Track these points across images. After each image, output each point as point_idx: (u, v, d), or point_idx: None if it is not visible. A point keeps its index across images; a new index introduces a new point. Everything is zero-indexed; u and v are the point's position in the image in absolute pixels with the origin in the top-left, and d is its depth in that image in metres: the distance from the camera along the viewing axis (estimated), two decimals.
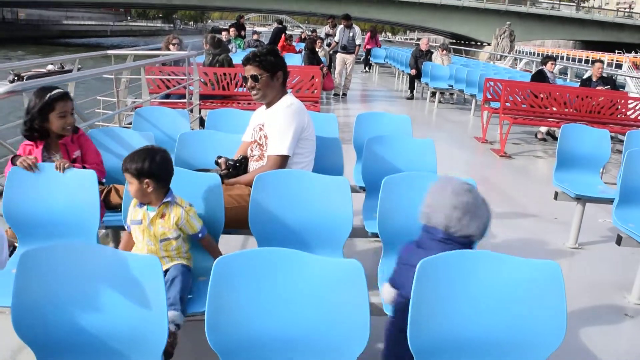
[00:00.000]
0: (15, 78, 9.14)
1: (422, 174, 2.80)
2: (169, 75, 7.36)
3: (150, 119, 4.35)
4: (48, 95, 2.87)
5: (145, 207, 2.41)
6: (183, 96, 6.80)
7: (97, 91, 7.91)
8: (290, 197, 2.67)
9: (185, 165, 3.43)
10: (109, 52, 7.01)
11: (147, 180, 2.33)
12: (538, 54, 36.42)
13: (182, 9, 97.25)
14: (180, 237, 2.44)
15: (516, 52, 35.07)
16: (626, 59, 33.87)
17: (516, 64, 20.98)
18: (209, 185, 2.66)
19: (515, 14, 53.56)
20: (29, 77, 26.77)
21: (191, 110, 6.48)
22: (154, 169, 2.34)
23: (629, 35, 56.64)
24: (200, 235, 2.48)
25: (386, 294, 2.12)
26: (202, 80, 7.46)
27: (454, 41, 52.29)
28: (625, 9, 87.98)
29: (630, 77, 18.55)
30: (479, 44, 51.03)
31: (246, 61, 3.23)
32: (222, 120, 4.22)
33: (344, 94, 12.33)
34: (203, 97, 7.39)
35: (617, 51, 43.53)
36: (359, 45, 12.28)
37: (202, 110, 7.19)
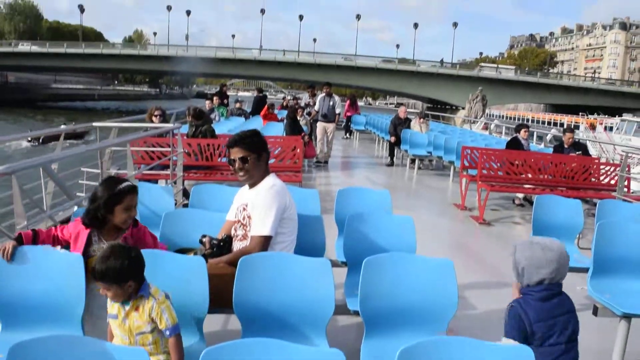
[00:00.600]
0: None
1: (402, 254, 2.89)
2: (153, 146, 7.49)
3: None
4: (118, 188, 2.81)
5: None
6: (167, 166, 6.90)
7: (80, 160, 8.01)
8: (273, 279, 2.72)
9: (169, 243, 3.49)
10: (94, 124, 7.15)
11: (129, 282, 2.26)
12: (509, 117, 38.50)
13: (168, 74, 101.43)
14: (155, 330, 2.31)
15: (490, 115, 36.68)
16: (583, 120, 37.00)
17: (485, 127, 22.41)
18: (194, 268, 2.71)
19: (487, 80, 57.03)
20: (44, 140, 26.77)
21: (175, 182, 6.57)
22: (135, 267, 2.28)
23: (592, 98, 60.45)
24: (167, 333, 2.29)
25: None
26: (186, 151, 7.59)
27: (431, 105, 55.07)
28: (591, 74, 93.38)
29: (586, 139, 19.61)
30: (454, 107, 53.72)
31: (233, 143, 3.34)
32: (207, 196, 4.31)
33: (326, 162, 12.50)
34: (187, 168, 7.49)
35: (580, 113, 45.82)
36: (339, 114, 12.58)
37: (185, 181, 7.28)
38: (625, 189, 7.97)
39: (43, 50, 66.69)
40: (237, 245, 3.35)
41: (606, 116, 43.27)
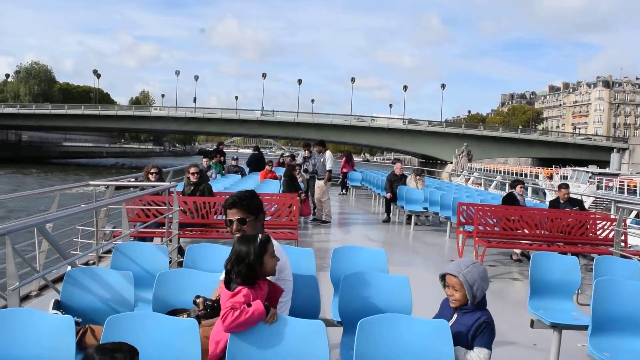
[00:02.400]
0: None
1: (397, 316, 2.86)
2: (149, 203, 7.50)
3: (130, 254, 4.39)
4: (259, 240, 2.90)
5: None
6: (162, 224, 6.89)
7: (75, 219, 7.99)
8: (267, 343, 2.68)
9: (163, 304, 3.46)
10: (91, 182, 7.17)
11: None
12: (488, 170, 43.00)
13: (174, 133, 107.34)
14: None
15: (471, 169, 39.76)
16: (541, 171, 43.62)
17: (467, 180, 25.74)
18: (186, 330, 2.67)
19: (473, 136, 62.68)
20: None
21: (170, 240, 6.54)
22: None
23: (572, 152, 65.92)
24: None
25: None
26: (182, 209, 7.60)
27: (424, 160, 57.92)
28: (573, 130, 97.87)
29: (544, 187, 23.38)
30: (443, 162, 57.57)
31: (232, 205, 3.38)
32: (201, 255, 4.28)
33: (325, 221, 12.24)
34: (182, 226, 7.48)
35: (554, 165, 49.58)
36: (330, 171, 12.51)
37: (181, 238, 7.25)
38: (623, 244, 7.96)
39: (62, 112, 71.29)
40: None
41: (566, 167, 47.98)
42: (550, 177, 39.75)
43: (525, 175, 40.90)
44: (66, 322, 2.73)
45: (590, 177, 35.16)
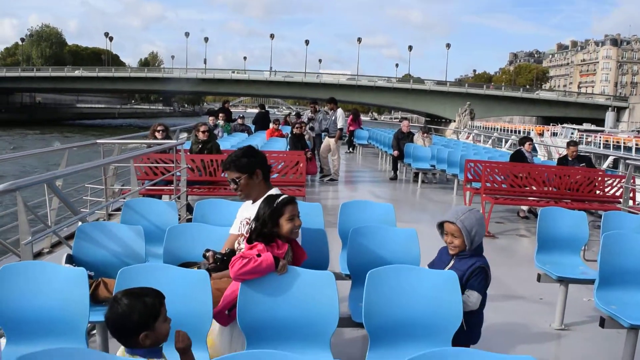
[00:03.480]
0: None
1: (407, 267, 2.88)
2: (157, 162, 7.52)
3: (140, 210, 4.42)
4: (276, 202, 2.95)
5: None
6: (170, 181, 6.92)
7: (84, 177, 8.04)
8: (277, 292, 2.71)
9: (173, 257, 3.49)
10: (98, 141, 7.19)
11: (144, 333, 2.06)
12: (490, 128, 44.94)
13: (185, 94, 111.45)
14: None
15: (473, 127, 40.63)
16: (532, 128, 45.01)
17: (468, 137, 27.00)
18: (197, 282, 2.71)
19: (476, 95, 64.63)
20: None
21: (178, 197, 6.58)
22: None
23: (574, 110, 67.58)
24: None
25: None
26: (189, 166, 7.61)
27: (429, 119, 59.14)
28: (586, 88, 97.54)
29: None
30: (447, 121, 58.76)
31: (226, 167, 3.48)
32: (210, 211, 4.30)
33: (333, 179, 12.22)
34: (190, 183, 7.50)
35: (551, 124, 53.60)
36: (341, 129, 12.51)
37: (189, 196, 7.28)
38: (631, 201, 7.93)
39: (77, 75, 73.37)
40: None
41: (557, 124, 50.78)
42: (542, 134, 41.75)
43: (519, 132, 42.36)
44: (79, 273, 2.77)
45: (572, 134, 38.11)
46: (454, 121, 50.79)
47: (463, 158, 10.29)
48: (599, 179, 8.74)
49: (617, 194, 8.37)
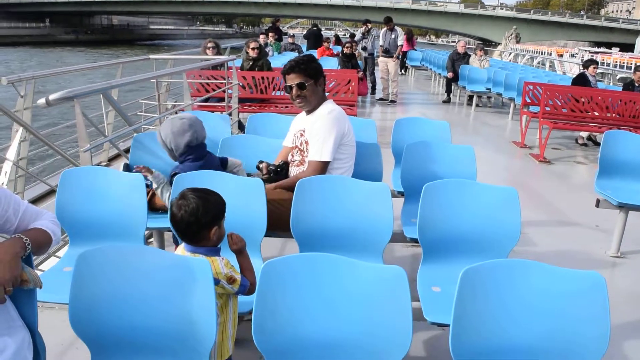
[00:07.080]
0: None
1: (463, 181, 2.80)
2: (209, 78, 7.50)
3: None
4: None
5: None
6: (222, 99, 6.92)
7: (139, 94, 8.16)
8: (331, 202, 2.71)
9: None
10: (151, 56, 7.21)
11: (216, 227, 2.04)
12: (536, 52, 45.11)
13: (253, 16, 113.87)
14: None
15: (536, 52, 41.74)
16: (552, 50, 45.62)
17: (514, 59, 28.02)
18: (253, 190, 2.72)
19: (523, 20, 67.28)
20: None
21: (230, 114, 6.59)
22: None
23: (617, 36, 68.25)
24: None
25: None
26: (241, 84, 7.57)
27: (480, 42, 59.49)
28: (627, 16, 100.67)
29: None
30: (495, 44, 60.48)
31: (290, 69, 3.26)
32: (262, 124, 4.29)
33: (393, 101, 12.00)
34: (242, 101, 7.49)
35: (602, 48, 51.85)
36: (401, 46, 12.07)
37: (240, 113, 7.30)
38: None
39: None
40: (293, 171, 3.34)
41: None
42: (561, 56, 41.50)
43: (550, 54, 41.68)
44: (138, 178, 2.82)
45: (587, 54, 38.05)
46: (500, 44, 52.67)
47: (521, 81, 9.84)
48: None
49: None
